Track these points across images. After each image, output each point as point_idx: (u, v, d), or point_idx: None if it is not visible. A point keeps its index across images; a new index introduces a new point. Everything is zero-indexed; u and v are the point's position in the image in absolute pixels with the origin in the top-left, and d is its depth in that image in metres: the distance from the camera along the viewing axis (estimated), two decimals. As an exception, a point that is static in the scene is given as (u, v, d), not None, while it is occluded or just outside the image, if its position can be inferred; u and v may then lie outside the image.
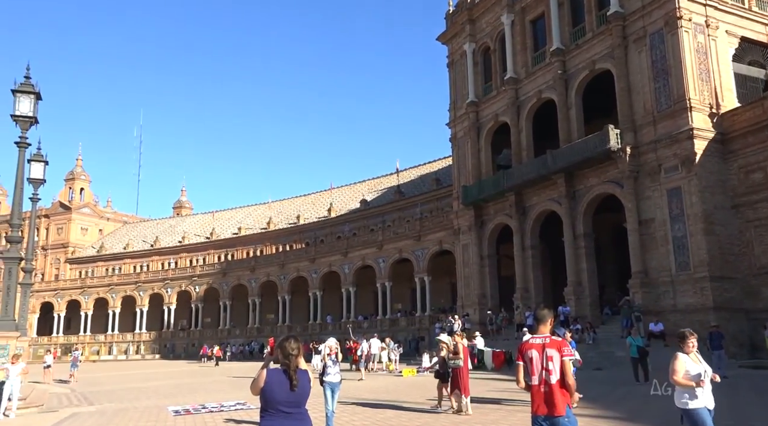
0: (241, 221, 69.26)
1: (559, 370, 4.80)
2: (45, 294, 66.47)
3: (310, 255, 51.75)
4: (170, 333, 60.68)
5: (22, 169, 15.97)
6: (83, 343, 61.08)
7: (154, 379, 29.09)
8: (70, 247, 76.74)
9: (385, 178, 61.45)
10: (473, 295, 34.06)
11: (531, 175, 29.80)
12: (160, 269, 67.21)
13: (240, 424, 11.70)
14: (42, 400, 17.84)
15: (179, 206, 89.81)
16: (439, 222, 42.07)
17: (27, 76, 15.40)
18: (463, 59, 36.26)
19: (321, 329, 48.99)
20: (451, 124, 37.34)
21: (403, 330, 42.18)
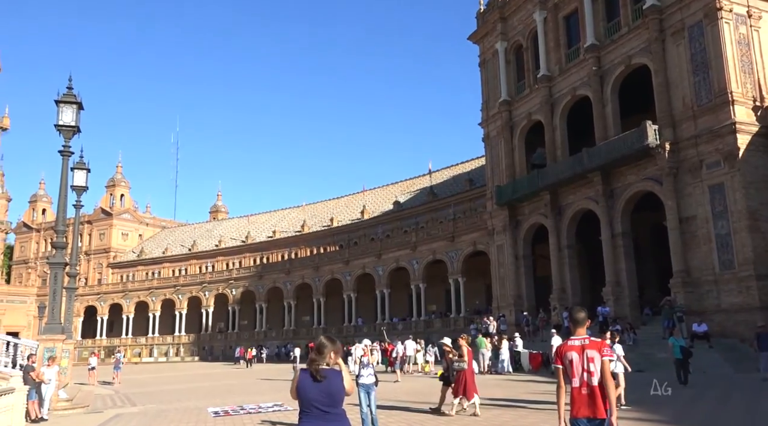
0: (275, 224, 70.07)
1: (600, 371, 4.69)
2: (88, 298, 68.44)
3: (344, 257, 51.99)
4: (208, 335, 61.74)
5: (65, 177, 16.48)
6: (125, 345, 62.67)
7: (192, 380, 29.64)
8: (112, 252, 78.88)
9: (417, 180, 61.34)
10: (509, 296, 33.68)
11: (566, 174, 29.32)
12: (198, 273, 68.50)
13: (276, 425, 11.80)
14: (88, 401, 18.37)
15: (215, 210, 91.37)
16: (472, 223, 41.76)
17: (69, 87, 15.88)
18: (495, 58, 35.94)
19: (356, 331, 49.16)
20: (483, 124, 37.05)
21: (438, 331, 41.88)
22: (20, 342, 19.28)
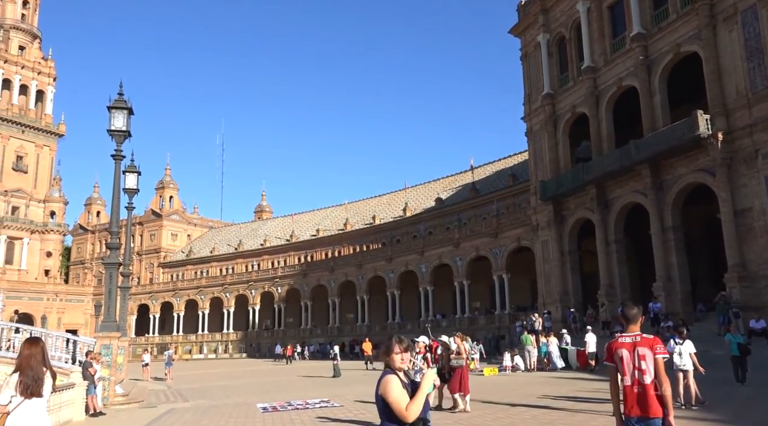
0: (319, 223, 70.85)
1: (653, 370, 4.57)
2: (141, 296, 70.81)
3: (387, 255, 52.14)
4: (255, 333, 62.96)
5: (118, 180, 17.09)
6: (176, 342, 64.57)
7: (240, 377, 30.30)
8: (162, 252, 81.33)
9: (459, 176, 60.95)
10: (554, 293, 33.11)
11: (613, 167, 28.60)
12: (244, 271, 69.93)
13: (334, 422, 11.94)
14: (142, 397, 19.03)
15: (260, 210, 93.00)
16: (516, 218, 41.23)
17: (120, 93, 16.45)
18: (537, 51, 35.34)
19: (399, 328, 49.27)
20: (526, 118, 36.49)
21: (483, 328, 41.66)
22: (79, 339, 20.09)
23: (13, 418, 4.92)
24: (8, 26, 78.50)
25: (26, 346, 5.21)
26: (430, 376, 3.68)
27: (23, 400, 4.95)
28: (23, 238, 76.32)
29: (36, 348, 5.18)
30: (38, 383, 5.01)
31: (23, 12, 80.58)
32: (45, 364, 5.18)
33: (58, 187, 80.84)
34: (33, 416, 4.98)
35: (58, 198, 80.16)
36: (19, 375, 5.00)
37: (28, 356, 5.09)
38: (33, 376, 5.01)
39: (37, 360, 5.11)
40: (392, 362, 3.70)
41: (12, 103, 77.13)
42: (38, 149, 79.40)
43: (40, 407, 5.05)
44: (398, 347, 3.73)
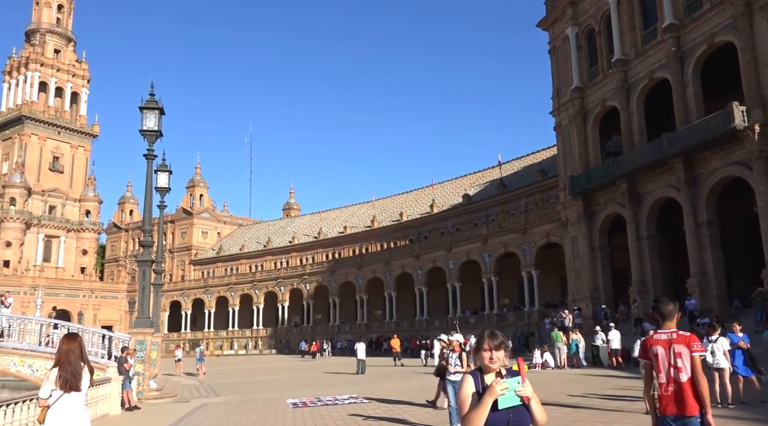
0: (346, 220, 71.13)
1: (690, 368, 4.47)
2: (173, 293, 72.17)
3: (414, 251, 52.10)
4: (284, 329, 63.60)
5: (150, 179, 17.38)
6: (208, 338, 65.65)
7: (270, 373, 30.64)
8: (193, 250, 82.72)
9: (487, 172, 60.48)
10: (585, 289, 32.66)
11: (645, 161, 28.03)
12: (273, 269, 70.68)
13: (365, 419, 12.01)
14: (175, 391, 19.41)
15: (288, 208, 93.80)
16: (545, 214, 40.77)
17: (152, 94, 16.74)
18: (566, 44, 34.82)
19: (428, 325, 49.25)
20: (555, 113, 36.02)
21: (512, 325, 41.34)
22: (114, 335, 20.58)
23: (53, 411, 5.09)
24: (44, 30, 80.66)
25: (65, 341, 5.37)
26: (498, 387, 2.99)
27: (62, 394, 5.10)
28: (60, 236, 78.48)
29: (74, 343, 5.33)
30: (76, 378, 5.16)
31: (58, 16, 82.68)
32: (83, 360, 5.33)
33: (92, 187, 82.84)
34: (72, 410, 5.13)
35: (92, 197, 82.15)
36: (59, 370, 5.16)
37: (67, 351, 5.24)
38: (71, 370, 5.15)
39: (76, 355, 5.26)
40: (480, 360, 3.19)
41: (48, 105, 79.33)
42: (73, 150, 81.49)
43: (78, 401, 5.20)
44: (488, 343, 3.16)
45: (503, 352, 3.16)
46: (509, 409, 2.99)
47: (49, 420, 5.11)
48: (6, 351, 19.19)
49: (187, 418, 12.98)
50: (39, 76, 78.34)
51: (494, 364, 3.13)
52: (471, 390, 3.09)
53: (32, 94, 77.70)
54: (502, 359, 3.15)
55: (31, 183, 75.74)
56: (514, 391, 2.98)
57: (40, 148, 78.00)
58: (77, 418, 5.16)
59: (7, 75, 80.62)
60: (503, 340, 3.18)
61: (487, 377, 3.11)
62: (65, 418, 5.10)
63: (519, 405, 3.02)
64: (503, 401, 2.97)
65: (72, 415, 5.13)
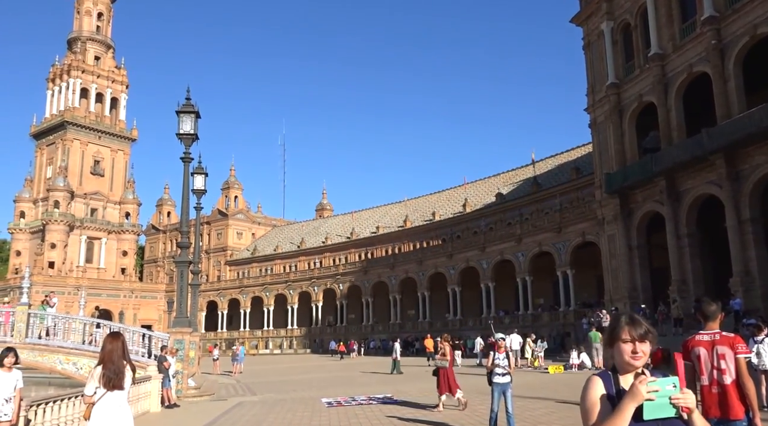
0: (378, 220, 71.27)
1: (734, 370, 4.35)
2: (210, 293, 73.48)
3: (447, 251, 51.88)
4: (318, 329, 64.07)
5: (187, 181, 17.77)
6: (243, 338, 66.60)
7: (304, 372, 30.93)
8: (229, 250, 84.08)
9: (520, 170, 59.85)
10: (622, 289, 32.00)
11: (684, 157, 27.30)
12: (307, 269, 71.30)
13: (401, 420, 12.03)
14: (213, 390, 19.78)
15: (321, 208, 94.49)
16: (580, 213, 40.11)
17: (188, 98, 17.10)
18: (601, 39, 34.19)
19: (461, 325, 48.98)
20: (589, 109, 35.40)
21: (547, 325, 40.79)
22: (153, 334, 21.06)
23: (97, 408, 5.25)
24: (85, 38, 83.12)
25: (108, 340, 5.54)
26: (644, 388, 2.13)
27: (106, 391, 5.26)
28: (101, 238, 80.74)
29: (117, 342, 5.49)
30: (119, 376, 5.32)
31: (98, 24, 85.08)
32: (125, 358, 5.49)
33: (131, 189, 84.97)
34: (116, 407, 5.28)
35: (132, 200, 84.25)
36: (103, 368, 5.32)
37: (111, 350, 5.39)
38: (115, 369, 5.31)
39: (118, 354, 5.41)
40: (616, 354, 2.38)
41: (89, 110, 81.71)
42: (113, 154, 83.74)
43: (121, 398, 5.36)
44: (628, 332, 2.35)
45: (649, 345, 2.35)
46: (658, 422, 2.17)
47: (94, 417, 5.25)
48: (52, 349, 19.85)
49: (224, 416, 13.21)
50: (80, 83, 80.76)
51: (638, 361, 2.32)
52: (600, 393, 2.32)
53: (74, 100, 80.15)
54: (647, 354, 2.33)
55: (74, 186, 78.13)
56: (668, 397, 2.14)
57: (82, 152, 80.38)
58: (121, 415, 5.31)
59: (50, 82, 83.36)
60: (648, 328, 2.37)
61: (624, 379, 2.33)
62: (109, 415, 5.24)
63: (674, 417, 2.16)
64: (650, 409, 2.13)
65: (116, 412, 5.28)
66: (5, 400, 7.20)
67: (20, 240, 79.42)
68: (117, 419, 5.29)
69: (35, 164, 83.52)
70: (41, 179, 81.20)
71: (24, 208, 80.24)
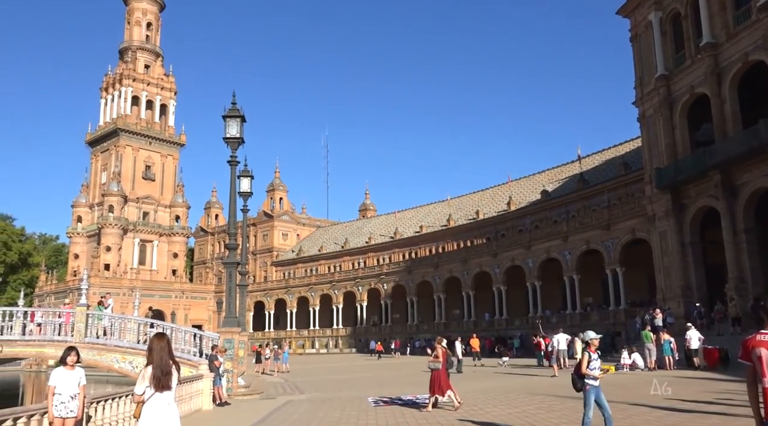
0: (422, 220, 71.16)
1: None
2: (257, 294, 74.90)
3: (492, 250, 51.34)
4: (363, 328, 64.41)
5: (234, 184, 18.17)
6: (290, 337, 67.61)
7: (351, 371, 31.17)
8: (274, 251, 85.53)
9: (566, 167, 58.74)
10: (675, 287, 30.94)
11: (740, 150, 26.19)
12: (351, 269, 71.80)
13: (446, 419, 11.99)
14: (262, 389, 20.17)
15: (364, 209, 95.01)
16: (630, 209, 39.01)
17: (233, 102, 17.49)
18: (649, 30, 33.16)
19: (507, 324, 48.39)
20: (638, 103, 34.38)
21: (596, 325, 39.73)
22: (204, 334, 21.63)
23: (147, 407, 5.48)
24: (135, 48, 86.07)
25: (155, 340, 5.75)
26: None
27: (155, 391, 5.48)
28: (153, 240, 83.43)
29: (163, 342, 5.71)
30: (167, 376, 5.54)
31: (147, 33, 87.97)
32: (171, 358, 5.70)
33: (181, 193, 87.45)
34: (164, 405, 5.51)
35: (181, 203, 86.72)
36: (152, 369, 5.54)
37: (158, 350, 5.62)
38: (163, 369, 5.54)
39: (165, 354, 5.63)
40: None
41: (140, 117, 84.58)
42: (163, 159, 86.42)
43: (169, 397, 5.58)
44: None
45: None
46: None
47: (144, 415, 5.48)
48: (110, 348, 20.64)
49: (274, 414, 13.45)
50: (131, 91, 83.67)
51: None
52: None
53: (126, 108, 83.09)
54: None
55: (127, 191, 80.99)
56: None
57: (134, 158, 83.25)
58: (168, 414, 5.52)
59: (103, 91, 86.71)
60: None
61: None
62: (158, 413, 5.46)
63: None
64: None
65: (164, 411, 5.49)
66: (70, 397, 7.54)
67: (78, 243, 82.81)
68: (165, 418, 5.49)
69: (90, 170, 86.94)
70: (96, 185, 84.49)
71: (81, 213, 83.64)
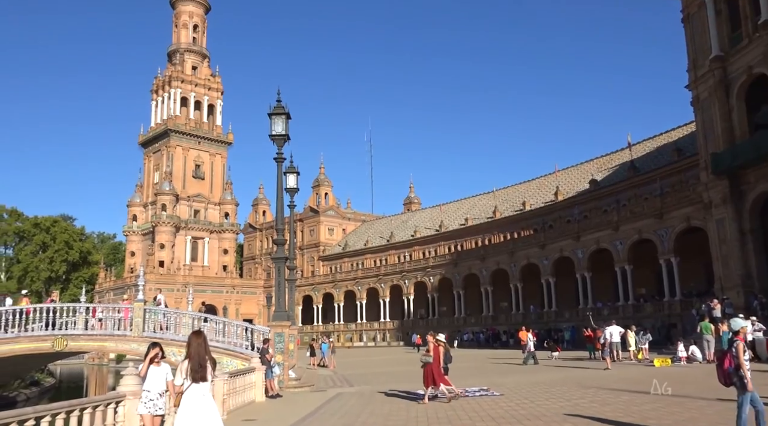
0: (467, 212, 70.63)
1: None
2: (305, 288, 76.04)
3: (539, 241, 50.51)
4: (410, 322, 64.54)
5: (281, 181, 18.46)
6: (338, 331, 68.42)
7: (398, 364, 31.31)
8: (321, 246, 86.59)
9: (615, 155, 57.22)
10: (734, 277, 29.72)
11: (803, 132, 24.90)
12: (397, 262, 71.96)
13: (497, 413, 11.92)
14: (313, 381, 20.49)
15: (408, 202, 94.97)
16: (684, 197, 37.64)
17: (278, 100, 17.73)
18: (702, 10, 31.80)
19: (556, 317, 47.59)
20: (691, 86, 33.06)
21: (650, 316, 38.74)
22: (255, 328, 22.14)
23: (185, 397, 5.95)
24: (183, 50, 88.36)
25: (193, 337, 6.20)
26: None
27: (192, 383, 5.96)
28: (204, 237, 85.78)
29: (200, 339, 6.19)
30: (203, 369, 5.98)
31: (194, 36, 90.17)
32: (207, 353, 6.11)
33: (229, 191, 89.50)
34: (200, 396, 5.95)
35: (230, 200, 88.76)
36: (189, 362, 6.00)
37: (196, 346, 6.07)
38: (199, 363, 5.99)
39: (202, 349, 6.08)
40: None
41: (189, 118, 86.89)
42: (212, 157, 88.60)
43: (205, 389, 6.02)
44: None
45: None
46: None
47: (182, 405, 5.95)
48: (166, 342, 21.27)
49: (325, 406, 13.66)
50: (180, 92, 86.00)
51: None
52: None
53: (175, 109, 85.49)
54: None
55: (178, 190, 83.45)
56: None
57: (184, 157, 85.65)
58: (205, 404, 5.96)
59: (154, 93, 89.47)
60: None
61: None
62: (194, 403, 5.91)
63: None
64: None
65: (200, 401, 5.94)
66: (158, 394, 7.40)
67: (134, 241, 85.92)
68: (202, 407, 5.92)
69: (144, 171, 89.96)
70: (149, 184, 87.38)
71: (136, 212, 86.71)
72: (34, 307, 23.08)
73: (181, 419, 5.93)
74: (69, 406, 6.81)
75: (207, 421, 5.94)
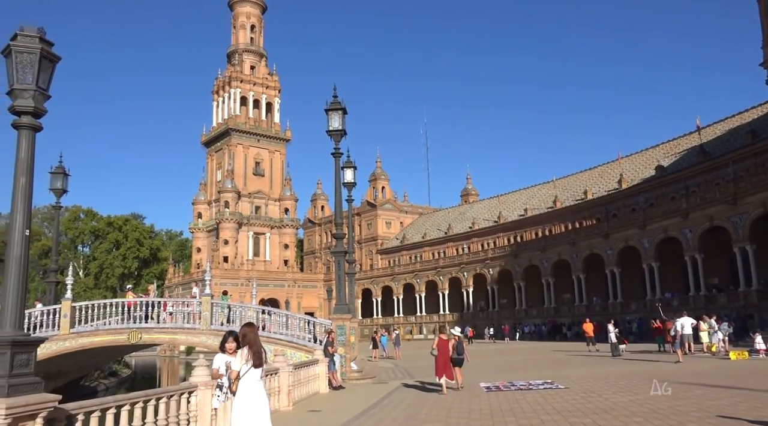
0: (526, 202, 69.36)
1: None
2: (364, 281, 76.75)
3: (603, 231, 49.00)
4: (470, 314, 64.07)
5: (338, 175, 18.68)
6: (398, 323, 68.72)
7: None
8: (379, 240, 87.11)
9: (683, 139, 54.76)
10: (818, 265, 27.91)
11: None
12: (455, 255, 71.51)
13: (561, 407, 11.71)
14: (374, 373, 20.71)
15: (466, 194, 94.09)
16: (760, 181, 35.62)
17: (335, 95, 17.92)
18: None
19: (622, 308, 46.13)
20: (766, 65, 31.23)
21: (723, 308, 36.88)
22: (316, 321, 22.57)
23: (242, 382, 6.45)
24: (241, 50, 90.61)
25: (248, 328, 6.76)
26: None
27: (250, 368, 6.45)
28: (265, 233, 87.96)
29: (253, 329, 6.77)
30: (259, 355, 6.50)
31: (251, 36, 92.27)
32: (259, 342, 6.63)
33: (289, 187, 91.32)
34: (254, 381, 6.46)
35: (289, 196, 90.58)
36: (248, 349, 6.50)
37: (252, 335, 6.61)
38: (256, 349, 6.49)
39: (257, 338, 6.61)
40: None
41: (249, 116, 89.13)
42: (271, 155, 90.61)
43: (258, 376, 6.52)
44: None
45: None
46: None
47: (239, 389, 6.43)
48: (232, 335, 22.07)
49: (388, 398, 13.79)
50: (239, 92, 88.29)
51: None
52: None
53: (235, 109, 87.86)
54: None
55: (240, 187, 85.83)
56: None
57: (245, 155, 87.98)
58: (258, 389, 6.49)
59: (215, 94, 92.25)
60: None
61: None
62: (250, 388, 6.42)
63: None
64: None
65: (255, 386, 6.45)
66: None
67: (199, 238, 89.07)
68: (255, 391, 6.44)
69: (207, 169, 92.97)
70: (212, 182, 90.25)
71: (201, 210, 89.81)
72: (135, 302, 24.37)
73: (240, 401, 6.40)
74: (145, 396, 7.17)
75: (262, 404, 6.44)
